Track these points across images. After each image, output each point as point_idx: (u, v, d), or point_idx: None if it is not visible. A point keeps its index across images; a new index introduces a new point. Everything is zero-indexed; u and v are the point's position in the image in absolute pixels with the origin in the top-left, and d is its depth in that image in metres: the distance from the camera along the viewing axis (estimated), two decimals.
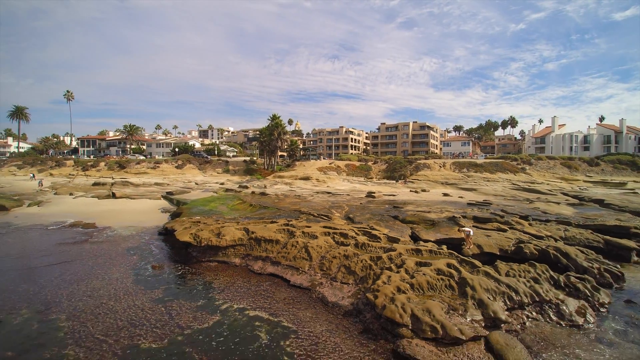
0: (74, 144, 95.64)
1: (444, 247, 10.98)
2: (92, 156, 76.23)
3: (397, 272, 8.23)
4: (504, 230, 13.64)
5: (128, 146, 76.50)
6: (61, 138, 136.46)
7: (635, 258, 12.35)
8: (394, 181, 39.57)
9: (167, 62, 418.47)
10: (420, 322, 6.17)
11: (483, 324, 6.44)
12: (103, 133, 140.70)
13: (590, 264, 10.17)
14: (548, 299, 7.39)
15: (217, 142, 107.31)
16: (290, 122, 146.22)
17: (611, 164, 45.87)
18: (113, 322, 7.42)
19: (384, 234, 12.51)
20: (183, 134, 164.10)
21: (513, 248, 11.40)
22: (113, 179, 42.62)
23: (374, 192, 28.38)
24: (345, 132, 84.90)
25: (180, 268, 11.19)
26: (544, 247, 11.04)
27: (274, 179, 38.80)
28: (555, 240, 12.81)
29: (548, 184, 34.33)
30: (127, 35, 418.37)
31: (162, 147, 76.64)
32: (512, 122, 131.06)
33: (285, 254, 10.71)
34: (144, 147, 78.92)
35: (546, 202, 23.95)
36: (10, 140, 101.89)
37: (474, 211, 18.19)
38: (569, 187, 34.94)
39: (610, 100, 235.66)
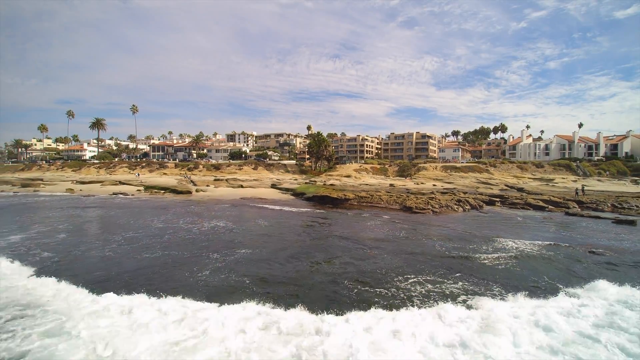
0: (146, 148, 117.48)
1: (425, 197, 32.43)
2: (160, 159, 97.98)
3: (412, 200, 29.64)
4: (451, 196, 34.91)
5: (194, 152, 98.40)
6: (109, 141, 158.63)
7: (498, 204, 33.54)
8: (404, 178, 60.83)
9: (171, 62, 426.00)
10: (417, 207, 27.59)
11: (430, 207, 27.84)
12: (149, 137, 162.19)
13: (475, 203, 31.40)
14: (449, 205, 28.77)
15: (251, 147, 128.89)
16: (308, 127, 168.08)
17: (552, 167, 66.67)
18: (334, 219, 28.95)
19: (405, 195, 33.99)
20: (207, 137, 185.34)
21: (451, 199, 32.70)
22: (216, 177, 64.25)
23: (393, 184, 49.68)
24: (362, 139, 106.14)
25: (336, 206, 32.50)
26: (461, 199, 32.28)
27: (326, 177, 60.24)
28: (469, 198, 34.03)
29: (499, 180, 55.44)
30: (131, 35, 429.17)
31: (220, 152, 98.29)
32: (502, 128, 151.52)
33: (373, 201, 32.04)
34: (205, 151, 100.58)
35: (487, 188, 45.15)
36: (85, 145, 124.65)
37: (443, 190, 39.46)
38: (514, 181, 55.92)
39: (613, 99, 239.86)
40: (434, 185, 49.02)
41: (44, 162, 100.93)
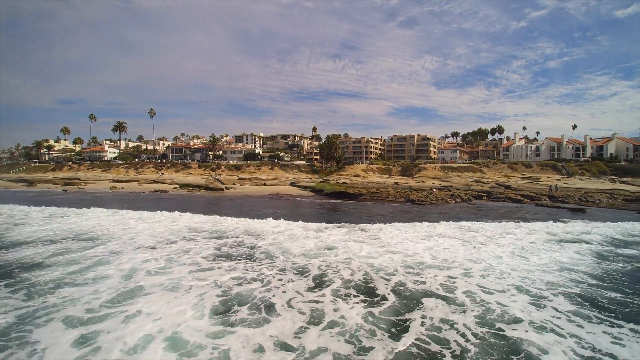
0: (162, 149, 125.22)
1: (425, 192, 39.96)
2: (180, 160, 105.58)
3: (414, 194, 37.14)
4: (447, 191, 42.32)
5: (210, 153, 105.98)
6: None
7: (485, 198, 40.96)
8: (406, 177, 68.28)
9: (171, 62, 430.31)
10: (418, 199, 35.09)
11: (429, 199, 35.33)
12: (161, 138, 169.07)
13: (466, 197, 38.84)
14: (445, 198, 36.25)
15: (259, 148, 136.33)
16: (314, 129, 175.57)
17: (540, 167, 73.96)
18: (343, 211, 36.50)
19: (408, 191, 41.49)
20: (215, 137, 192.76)
21: (446, 194, 40.16)
22: (239, 176, 71.78)
23: (397, 182, 57.10)
24: (366, 141, 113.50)
25: (352, 199, 39.95)
26: (455, 194, 39.70)
27: (337, 176, 67.73)
28: (461, 193, 41.45)
29: (490, 179, 62.86)
30: (131, 35, 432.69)
31: (235, 153, 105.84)
32: (499, 129, 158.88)
33: (382, 195, 39.52)
34: (221, 153, 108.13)
35: (478, 186, 52.58)
36: (106, 146, 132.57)
37: (440, 187, 46.93)
38: (504, 180, 63.24)
39: (614, 98, 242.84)
40: (433, 183, 56.42)
41: (71, 162, 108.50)
